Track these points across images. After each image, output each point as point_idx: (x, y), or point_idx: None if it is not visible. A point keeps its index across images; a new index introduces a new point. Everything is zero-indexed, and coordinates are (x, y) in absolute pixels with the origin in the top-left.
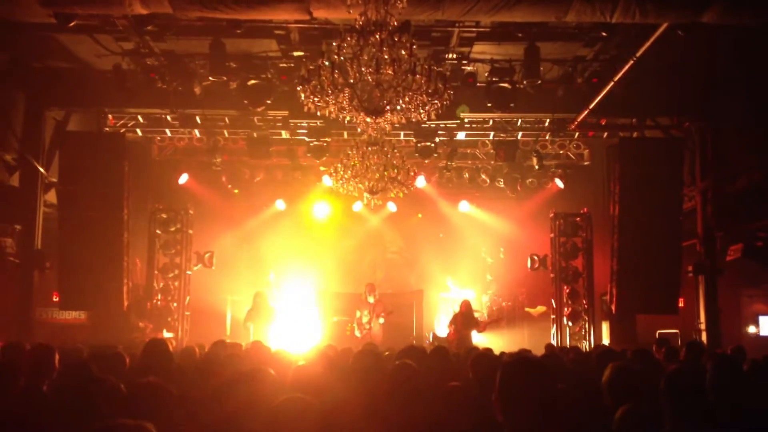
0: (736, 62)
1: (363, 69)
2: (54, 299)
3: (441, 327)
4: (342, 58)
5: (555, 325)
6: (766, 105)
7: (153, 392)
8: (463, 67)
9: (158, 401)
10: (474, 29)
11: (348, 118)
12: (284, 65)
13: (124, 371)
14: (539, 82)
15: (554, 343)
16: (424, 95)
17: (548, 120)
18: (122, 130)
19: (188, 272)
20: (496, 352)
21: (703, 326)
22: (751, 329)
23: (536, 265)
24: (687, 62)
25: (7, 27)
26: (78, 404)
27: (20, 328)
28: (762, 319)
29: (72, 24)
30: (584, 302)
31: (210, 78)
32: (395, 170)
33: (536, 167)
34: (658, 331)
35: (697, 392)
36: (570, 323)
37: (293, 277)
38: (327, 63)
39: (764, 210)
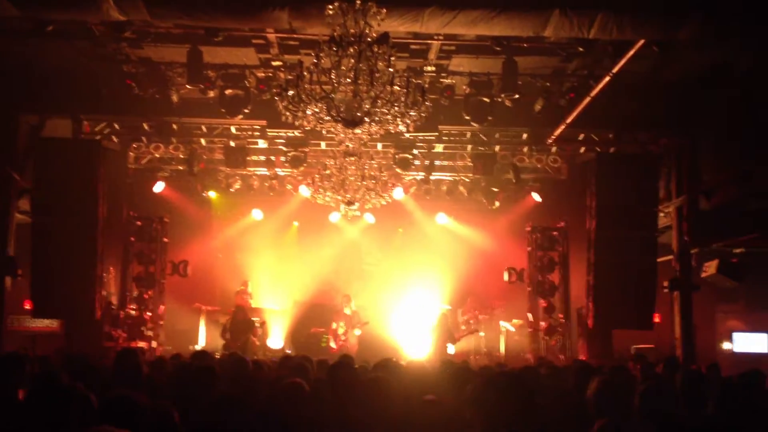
0: (713, 79)
1: (341, 80)
2: (26, 307)
3: (417, 340)
4: (320, 68)
5: (531, 339)
6: (742, 122)
7: (126, 404)
8: (441, 80)
9: (131, 413)
10: (452, 42)
11: (324, 131)
12: (262, 74)
13: (95, 381)
14: (517, 96)
15: (530, 357)
16: (402, 107)
17: (525, 134)
18: (98, 137)
19: (162, 281)
20: (471, 365)
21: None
22: (726, 345)
23: (513, 278)
24: (664, 78)
25: None
26: (48, 414)
27: None
28: (736, 335)
29: (48, 29)
30: (560, 316)
31: (187, 86)
32: (373, 181)
33: (514, 181)
34: (634, 347)
35: (671, 408)
36: (546, 337)
37: (269, 288)
38: (305, 73)
39: (739, 227)
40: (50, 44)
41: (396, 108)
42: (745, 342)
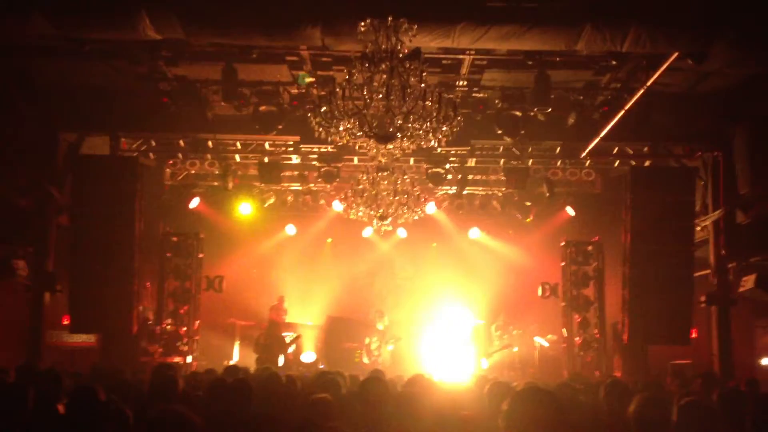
0: (749, 91)
1: (373, 95)
2: (64, 322)
3: (451, 356)
4: (353, 84)
5: (566, 355)
6: None
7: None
8: (473, 95)
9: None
10: (484, 57)
11: (357, 146)
12: (296, 91)
13: (131, 396)
14: (549, 109)
15: (565, 373)
16: (434, 122)
17: (559, 147)
18: (135, 154)
19: (198, 296)
20: (504, 380)
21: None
22: (765, 361)
23: (547, 293)
24: (700, 90)
25: (21, 49)
26: (86, 429)
27: (31, 351)
28: None
29: (86, 48)
30: (595, 331)
31: (222, 103)
32: (405, 196)
33: (547, 194)
34: (671, 362)
35: (709, 426)
36: (581, 352)
37: (303, 303)
38: (338, 89)
39: None
40: (88, 63)
41: (428, 123)
42: None
